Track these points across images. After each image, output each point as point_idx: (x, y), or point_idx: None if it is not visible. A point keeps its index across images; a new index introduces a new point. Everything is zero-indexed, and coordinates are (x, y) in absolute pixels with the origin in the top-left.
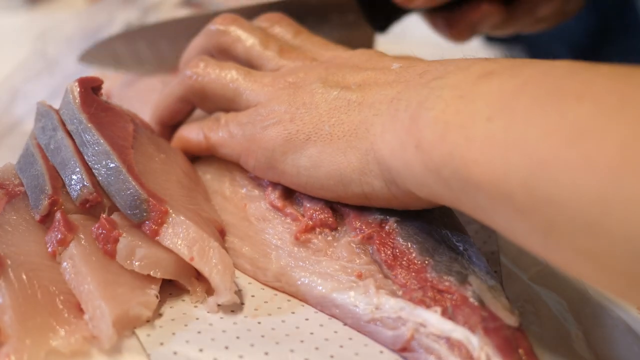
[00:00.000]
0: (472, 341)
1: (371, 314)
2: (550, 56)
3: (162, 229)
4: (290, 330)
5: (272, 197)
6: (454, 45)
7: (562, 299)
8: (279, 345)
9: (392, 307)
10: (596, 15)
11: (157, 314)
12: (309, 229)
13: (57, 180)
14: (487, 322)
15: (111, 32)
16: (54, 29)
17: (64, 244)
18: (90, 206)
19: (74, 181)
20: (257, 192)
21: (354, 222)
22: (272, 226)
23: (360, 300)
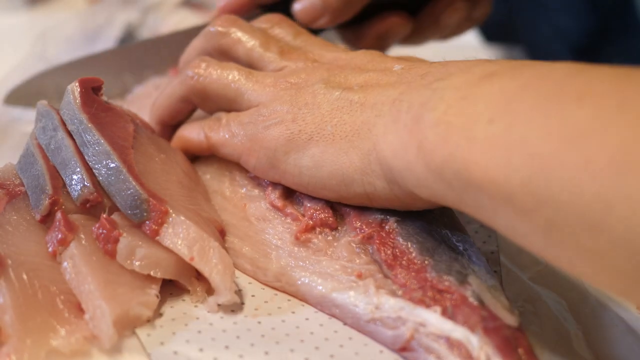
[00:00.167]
0: (472, 341)
1: (371, 314)
2: (550, 56)
3: (162, 229)
4: (290, 329)
5: (273, 197)
6: (454, 46)
7: (562, 298)
8: (279, 344)
9: (392, 306)
10: (596, 15)
11: (158, 314)
12: (309, 229)
13: (58, 180)
14: (487, 322)
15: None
16: (54, 29)
17: (64, 243)
18: (90, 206)
19: (75, 181)
20: (257, 192)
21: (354, 222)
22: (272, 226)
23: (360, 300)
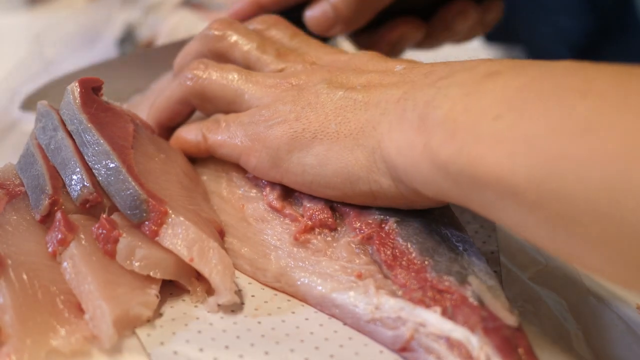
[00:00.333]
0: (472, 341)
1: (371, 314)
2: (550, 56)
3: (162, 229)
4: (290, 330)
5: (271, 197)
6: (455, 46)
7: (562, 298)
8: (279, 344)
9: (392, 307)
10: (596, 15)
11: (158, 314)
12: (308, 230)
13: (58, 180)
14: (487, 322)
15: (111, 32)
16: (53, 29)
17: (64, 243)
18: (90, 206)
19: (74, 181)
20: (254, 192)
21: (354, 223)
22: (271, 227)
23: (360, 300)
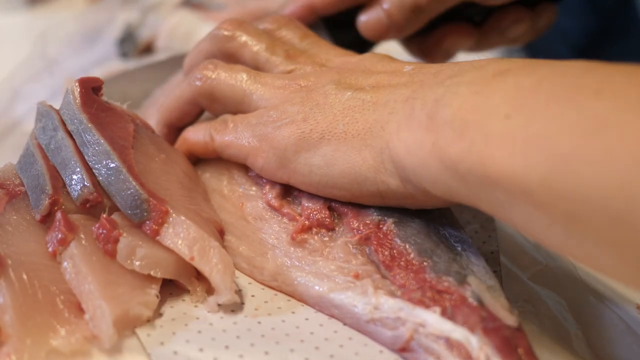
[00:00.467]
0: (472, 341)
1: (370, 314)
2: (550, 57)
3: (163, 228)
4: (290, 329)
5: (269, 196)
6: None
7: (562, 298)
8: (279, 344)
9: (391, 307)
10: (596, 15)
11: (158, 314)
12: (306, 229)
13: (58, 180)
14: (487, 322)
15: (111, 32)
16: (54, 29)
17: (64, 243)
18: (90, 206)
19: (75, 181)
20: (254, 191)
21: (352, 223)
22: (269, 225)
23: (358, 300)
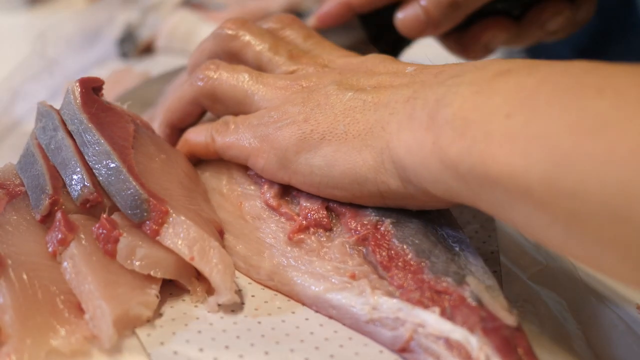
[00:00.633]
0: (471, 341)
1: (369, 315)
2: (551, 57)
3: (163, 228)
4: (290, 329)
5: (267, 196)
6: None
7: (562, 298)
8: (279, 344)
9: (390, 307)
10: (597, 16)
11: (158, 314)
12: (303, 229)
13: (58, 180)
14: (486, 322)
15: (111, 32)
16: (54, 29)
17: (64, 243)
18: (90, 206)
19: (75, 181)
20: (253, 190)
21: (350, 223)
22: (267, 225)
23: (355, 300)
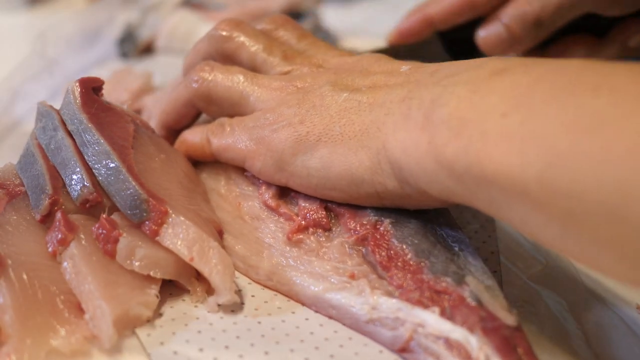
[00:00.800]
0: (471, 341)
1: (369, 315)
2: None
3: (162, 229)
4: (290, 329)
5: (266, 196)
6: None
7: (562, 298)
8: (279, 344)
9: (390, 307)
10: None
11: (158, 314)
12: (302, 229)
13: (58, 180)
14: (486, 322)
15: (111, 32)
16: (54, 29)
17: (64, 243)
18: (90, 206)
19: (74, 181)
20: (251, 190)
21: (349, 223)
22: (266, 225)
23: (355, 300)
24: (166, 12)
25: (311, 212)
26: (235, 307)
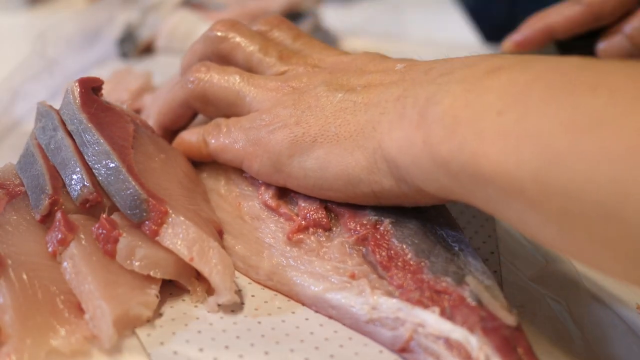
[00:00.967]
0: (471, 341)
1: (369, 315)
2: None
3: (162, 229)
4: (290, 329)
5: (266, 196)
6: (454, 46)
7: (562, 298)
8: (279, 344)
9: (390, 307)
10: None
11: (158, 314)
12: (302, 229)
13: (58, 180)
14: (486, 322)
15: (111, 32)
16: (54, 29)
17: (64, 243)
18: (90, 206)
19: (74, 181)
20: (251, 190)
21: (349, 223)
22: (266, 225)
23: (355, 300)
24: (166, 12)
25: (311, 212)
26: (235, 307)
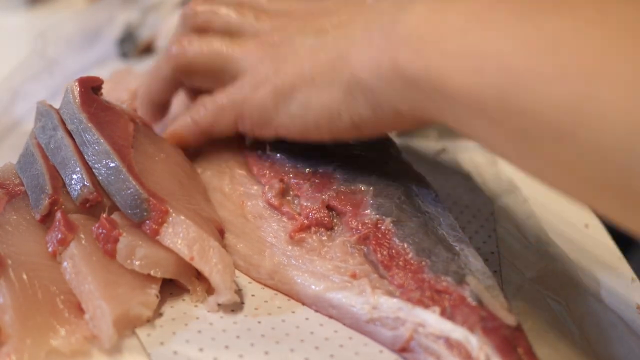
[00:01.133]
0: (471, 341)
1: (369, 314)
2: None
3: (163, 228)
4: (290, 329)
5: (269, 195)
6: None
7: (562, 298)
8: (279, 344)
9: (390, 307)
10: None
11: (158, 314)
12: (304, 228)
13: (57, 179)
14: (486, 322)
15: (111, 32)
16: (54, 29)
17: (64, 243)
18: (90, 206)
19: (74, 181)
20: (255, 189)
21: (351, 222)
22: (268, 224)
23: (355, 300)
24: (166, 12)
25: (313, 211)
26: (235, 307)
